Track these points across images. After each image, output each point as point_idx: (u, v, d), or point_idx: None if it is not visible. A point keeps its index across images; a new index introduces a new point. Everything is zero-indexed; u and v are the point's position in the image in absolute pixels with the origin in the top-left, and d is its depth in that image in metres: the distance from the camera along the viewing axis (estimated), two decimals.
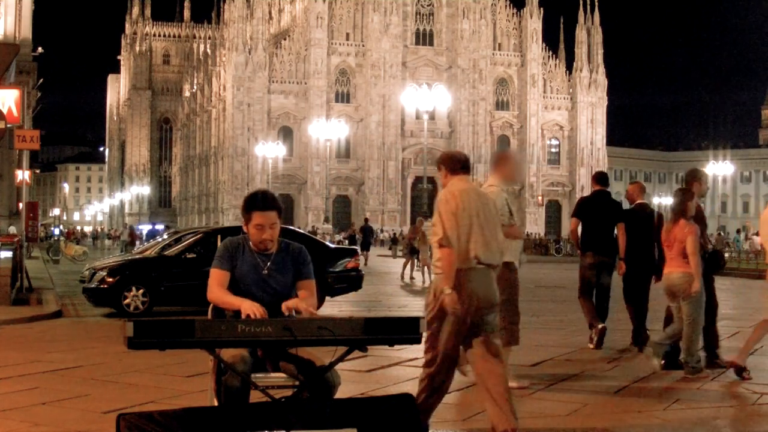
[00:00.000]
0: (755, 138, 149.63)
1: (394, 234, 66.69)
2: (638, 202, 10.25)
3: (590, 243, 10.02)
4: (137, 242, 41.10)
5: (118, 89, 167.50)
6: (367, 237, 38.74)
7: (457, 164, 5.66)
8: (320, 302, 15.54)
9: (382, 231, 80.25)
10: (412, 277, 26.24)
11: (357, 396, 6.44)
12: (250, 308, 4.11)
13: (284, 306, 4.28)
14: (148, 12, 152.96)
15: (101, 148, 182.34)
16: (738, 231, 70.63)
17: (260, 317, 4.04)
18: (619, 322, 11.11)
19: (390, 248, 53.77)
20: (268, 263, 4.45)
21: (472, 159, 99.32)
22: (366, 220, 45.28)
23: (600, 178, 10.46)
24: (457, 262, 5.41)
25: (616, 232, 10.14)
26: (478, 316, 5.44)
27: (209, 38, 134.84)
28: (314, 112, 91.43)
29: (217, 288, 4.36)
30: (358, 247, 29.13)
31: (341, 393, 4.15)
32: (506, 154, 7.75)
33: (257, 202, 4.44)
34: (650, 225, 9.79)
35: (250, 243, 4.47)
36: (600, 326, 9.81)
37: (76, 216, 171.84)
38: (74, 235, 42.18)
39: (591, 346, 9.91)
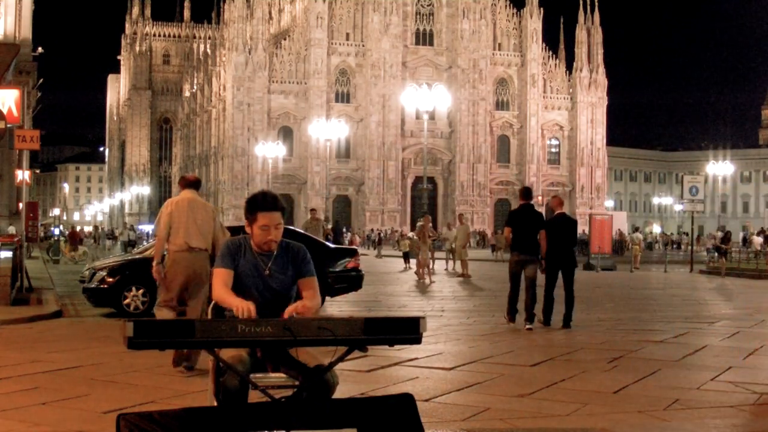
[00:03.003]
0: (755, 138, 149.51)
1: (379, 234, 66.48)
2: (558, 212, 12.68)
3: (516, 245, 12.23)
4: (78, 243, 41.13)
5: (118, 89, 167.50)
6: (338, 237, 39.93)
7: (184, 182, 8.75)
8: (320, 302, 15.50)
9: (372, 231, 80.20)
10: (419, 274, 26.18)
11: (357, 396, 6.44)
12: (239, 305, 4.11)
13: (286, 313, 4.26)
14: (148, 12, 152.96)
15: (101, 148, 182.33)
16: (744, 230, 70.70)
17: (249, 315, 4.04)
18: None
19: (375, 248, 53.66)
20: (270, 263, 4.44)
21: (472, 159, 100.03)
22: (336, 222, 46.14)
23: (525, 194, 12.76)
24: (174, 246, 8.38)
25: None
26: (189, 280, 8.40)
27: (209, 38, 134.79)
28: (314, 112, 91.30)
29: (221, 287, 4.36)
30: (357, 247, 29.13)
31: (341, 393, 4.15)
32: None
33: (261, 202, 4.41)
34: (572, 230, 12.63)
35: (252, 244, 4.46)
36: (516, 313, 12.34)
37: (76, 216, 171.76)
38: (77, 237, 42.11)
39: (511, 323, 12.35)
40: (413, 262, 34.22)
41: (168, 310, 8.52)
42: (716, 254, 32.72)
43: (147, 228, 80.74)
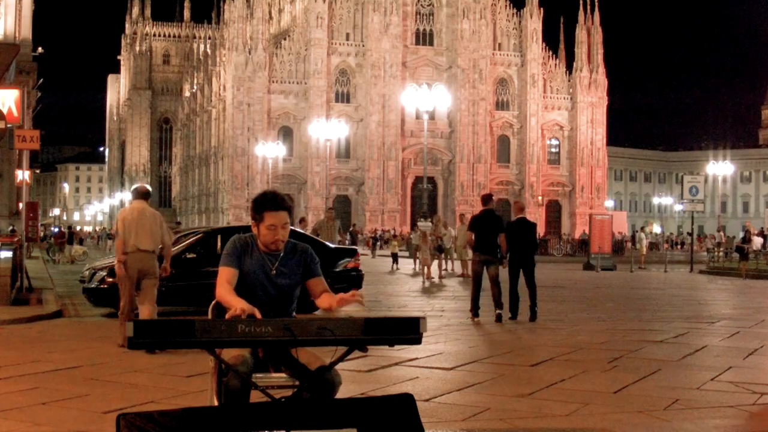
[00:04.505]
0: (755, 138, 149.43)
1: (375, 234, 66.32)
2: (519, 216, 14.12)
3: (479, 246, 13.50)
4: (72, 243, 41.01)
5: (118, 89, 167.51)
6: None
7: (136, 194, 10.40)
8: None
9: (375, 231, 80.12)
10: (441, 276, 26.23)
11: (357, 396, 6.44)
12: (237, 307, 4.04)
13: (336, 305, 4.25)
14: (148, 12, 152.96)
15: (101, 148, 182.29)
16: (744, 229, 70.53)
17: (248, 310, 4.02)
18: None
19: (372, 248, 53.58)
20: (276, 263, 4.43)
21: (472, 159, 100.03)
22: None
23: (484, 201, 14.12)
24: (127, 248, 9.90)
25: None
26: (141, 276, 9.99)
27: (209, 38, 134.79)
28: (314, 112, 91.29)
29: (224, 286, 4.33)
30: (357, 248, 29.14)
31: (341, 393, 4.15)
32: None
33: (268, 202, 4.40)
34: (531, 233, 13.99)
35: (259, 243, 4.45)
36: (479, 309, 13.43)
37: (76, 216, 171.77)
38: (64, 237, 41.52)
39: (476, 319, 13.31)
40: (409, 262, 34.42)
41: (125, 294, 10.06)
42: (738, 256, 32.38)
43: None
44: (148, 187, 10.95)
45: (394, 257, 35.53)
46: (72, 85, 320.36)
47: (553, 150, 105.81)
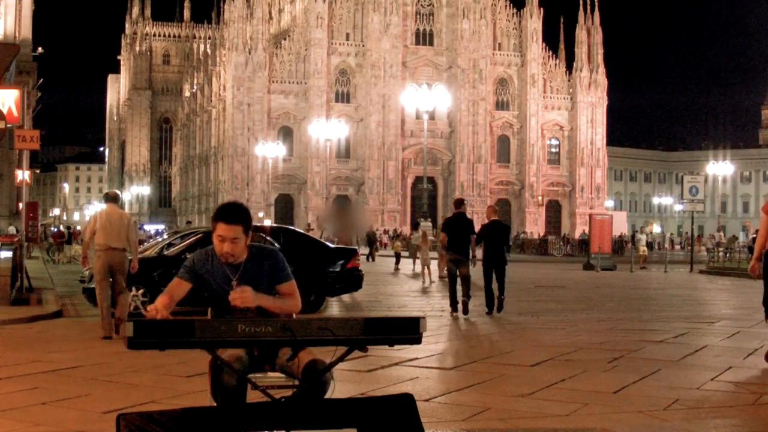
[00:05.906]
0: (755, 138, 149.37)
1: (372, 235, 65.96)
2: (493, 219, 15.03)
3: (451, 246, 14.53)
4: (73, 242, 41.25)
5: (118, 89, 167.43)
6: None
7: (106, 198, 11.83)
8: (320, 302, 15.56)
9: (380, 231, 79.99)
10: (441, 276, 26.23)
11: (357, 396, 6.44)
12: (154, 305, 4.16)
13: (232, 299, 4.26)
14: (148, 12, 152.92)
15: (101, 148, 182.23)
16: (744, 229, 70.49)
17: (159, 316, 4.05)
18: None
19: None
20: (237, 274, 4.35)
21: (472, 159, 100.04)
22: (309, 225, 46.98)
23: (457, 204, 15.14)
24: (98, 246, 11.21)
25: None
26: (111, 269, 11.30)
27: (209, 38, 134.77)
28: (314, 112, 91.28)
29: (162, 294, 4.34)
30: (357, 247, 29.15)
31: (341, 393, 4.14)
32: None
33: (221, 212, 4.31)
34: (505, 234, 15.05)
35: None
36: (457, 304, 14.27)
37: (77, 216, 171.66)
38: (63, 237, 41.40)
39: (454, 314, 14.17)
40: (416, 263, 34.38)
41: (100, 288, 11.44)
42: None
43: (151, 228, 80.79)
44: (117, 192, 12.91)
45: (398, 257, 35.48)
46: (72, 85, 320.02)
47: (553, 150, 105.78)
